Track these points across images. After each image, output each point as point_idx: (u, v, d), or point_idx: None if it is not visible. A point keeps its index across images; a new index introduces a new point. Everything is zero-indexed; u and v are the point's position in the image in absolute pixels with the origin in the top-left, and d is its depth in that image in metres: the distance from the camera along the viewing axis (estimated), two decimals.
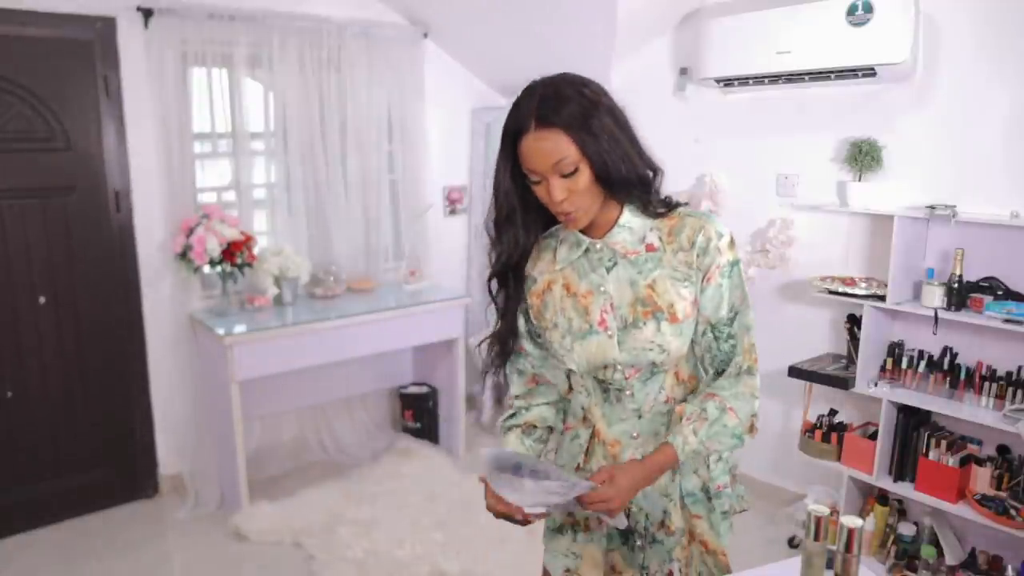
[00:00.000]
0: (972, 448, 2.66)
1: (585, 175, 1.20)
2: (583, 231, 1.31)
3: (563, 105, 1.18)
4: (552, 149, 1.17)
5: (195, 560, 2.97)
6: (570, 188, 1.20)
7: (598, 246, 1.30)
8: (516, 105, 1.22)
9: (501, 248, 1.32)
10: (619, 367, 1.29)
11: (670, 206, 1.31)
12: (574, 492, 1.19)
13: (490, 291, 1.39)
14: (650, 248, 1.28)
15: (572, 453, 1.40)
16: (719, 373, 1.33)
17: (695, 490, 1.36)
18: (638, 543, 1.37)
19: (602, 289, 1.29)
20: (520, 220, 1.30)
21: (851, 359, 2.91)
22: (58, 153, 3.04)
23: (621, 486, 1.21)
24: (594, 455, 1.36)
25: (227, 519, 3.18)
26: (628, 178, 1.23)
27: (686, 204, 1.34)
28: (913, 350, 2.79)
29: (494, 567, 2.80)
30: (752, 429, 1.31)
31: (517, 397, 1.46)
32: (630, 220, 1.29)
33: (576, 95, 1.19)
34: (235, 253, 3.21)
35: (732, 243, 1.29)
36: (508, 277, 1.36)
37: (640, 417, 1.32)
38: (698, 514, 1.36)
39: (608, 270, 1.30)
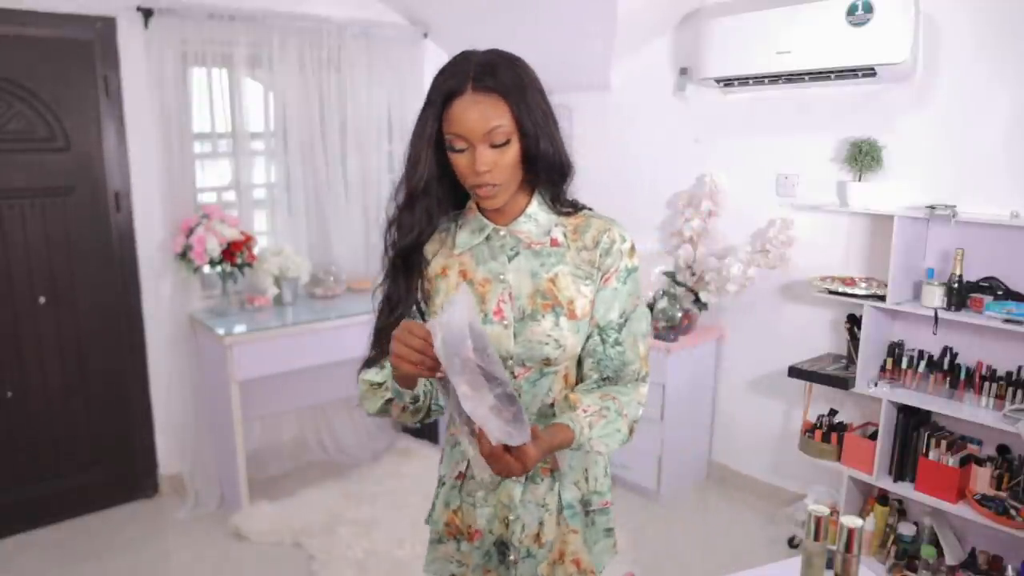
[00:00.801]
0: (972, 448, 2.66)
1: (514, 149, 1.15)
2: (486, 216, 1.26)
3: (501, 72, 1.14)
4: (489, 114, 1.12)
5: (195, 560, 2.97)
6: (496, 161, 1.14)
7: (501, 233, 1.25)
8: (449, 68, 1.16)
9: (412, 221, 1.22)
10: (510, 362, 1.22)
11: (576, 207, 1.28)
12: (514, 439, 1.02)
13: (391, 274, 1.26)
14: (554, 243, 1.24)
15: (452, 462, 1.33)
16: (606, 379, 1.26)
17: (574, 502, 1.29)
18: (511, 557, 1.28)
19: (502, 278, 1.23)
20: (435, 191, 1.22)
21: (851, 359, 2.91)
22: (58, 153, 3.04)
23: (533, 457, 1.07)
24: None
25: (227, 519, 3.18)
26: (553, 162, 1.19)
27: (591, 209, 1.30)
28: (913, 350, 2.79)
29: None
30: (631, 434, 1.25)
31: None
32: (537, 212, 1.25)
33: (512, 66, 1.16)
34: (235, 253, 3.21)
35: (633, 250, 1.26)
36: (410, 259, 1.26)
37: None
38: (575, 528, 1.29)
39: (510, 259, 1.24)
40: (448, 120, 1.14)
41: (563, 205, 1.26)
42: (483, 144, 1.13)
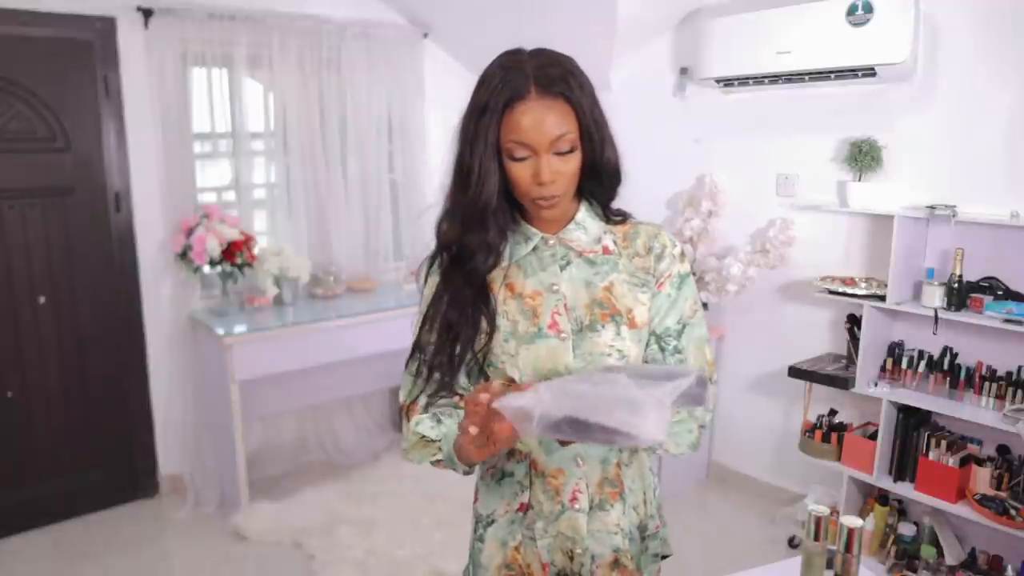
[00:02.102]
0: (972, 448, 2.66)
1: (577, 158, 1.10)
2: (533, 225, 1.18)
3: (564, 73, 1.07)
4: (558, 120, 1.06)
5: (195, 560, 2.97)
6: (560, 170, 1.08)
7: (550, 242, 1.18)
8: (502, 70, 1.07)
9: (488, 240, 1.13)
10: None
11: (624, 215, 1.23)
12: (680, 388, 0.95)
13: (456, 302, 1.15)
14: (606, 251, 1.19)
15: (508, 495, 1.22)
16: None
17: (631, 528, 1.23)
18: None
19: (555, 288, 1.16)
20: (503, 205, 1.13)
21: (851, 359, 2.91)
22: (58, 153, 3.03)
23: None
24: (534, 490, 1.19)
25: (227, 519, 3.17)
26: (615, 169, 1.15)
27: (633, 216, 1.26)
28: (913, 350, 2.78)
29: None
30: (699, 439, 1.21)
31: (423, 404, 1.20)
32: (586, 219, 1.19)
33: (570, 67, 1.09)
34: (235, 253, 3.21)
35: (683, 255, 1.22)
36: (484, 284, 1.16)
37: None
38: (631, 553, 1.23)
39: (561, 268, 1.17)
40: (509, 127, 1.06)
41: (613, 213, 1.21)
42: (548, 153, 1.06)
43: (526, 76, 1.05)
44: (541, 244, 1.18)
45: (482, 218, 1.11)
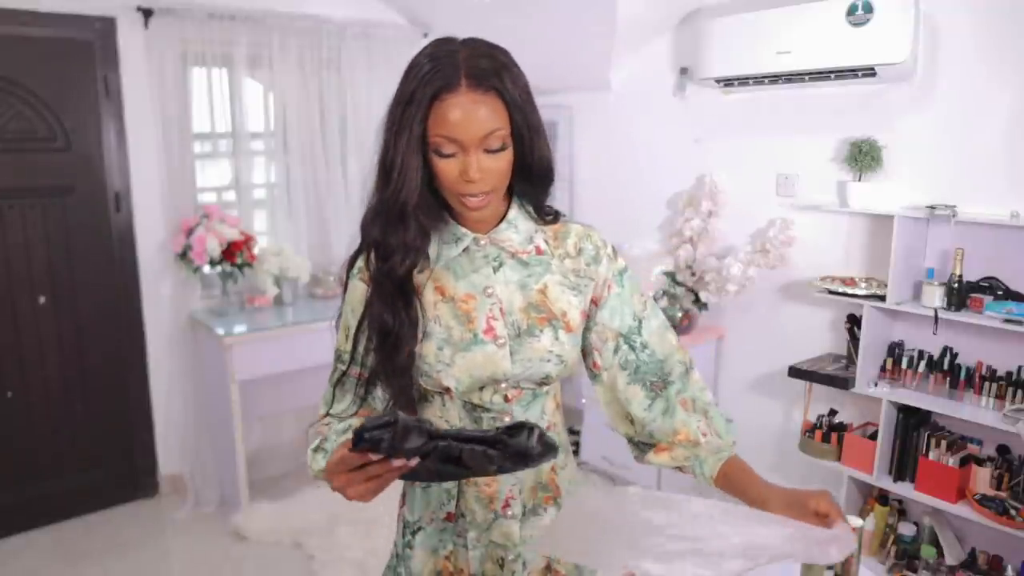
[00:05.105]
0: (972, 448, 2.66)
1: (508, 155, 1.04)
2: (463, 224, 1.12)
3: (498, 67, 1.01)
4: (488, 116, 0.99)
5: (195, 560, 2.97)
6: (489, 167, 1.02)
7: (482, 242, 1.12)
8: (432, 60, 1.00)
9: (407, 239, 1.06)
10: (504, 384, 1.11)
11: (556, 214, 1.19)
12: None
13: (388, 304, 1.08)
14: (538, 251, 1.15)
15: (434, 504, 1.18)
16: (653, 385, 1.19)
17: None
18: None
19: (489, 292, 1.11)
20: (427, 202, 1.07)
21: (851, 359, 2.91)
22: (58, 153, 3.04)
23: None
24: (464, 499, 1.16)
25: (227, 519, 3.18)
26: (547, 168, 1.10)
27: (564, 215, 1.23)
28: (913, 350, 2.78)
29: None
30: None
31: (341, 414, 1.19)
32: (517, 218, 1.14)
33: (503, 60, 1.03)
34: (235, 253, 3.21)
35: (616, 252, 1.21)
36: (406, 284, 1.09)
37: None
38: None
39: (494, 270, 1.12)
40: (436, 121, 1.00)
41: (545, 212, 1.18)
42: (477, 149, 1.01)
43: (456, 67, 0.99)
44: (472, 245, 1.12)
45: (402, 216, 1.06)
